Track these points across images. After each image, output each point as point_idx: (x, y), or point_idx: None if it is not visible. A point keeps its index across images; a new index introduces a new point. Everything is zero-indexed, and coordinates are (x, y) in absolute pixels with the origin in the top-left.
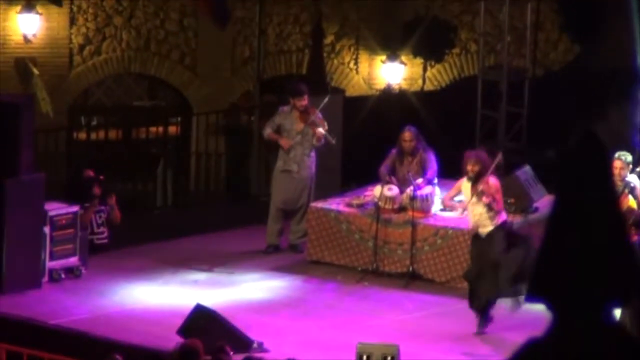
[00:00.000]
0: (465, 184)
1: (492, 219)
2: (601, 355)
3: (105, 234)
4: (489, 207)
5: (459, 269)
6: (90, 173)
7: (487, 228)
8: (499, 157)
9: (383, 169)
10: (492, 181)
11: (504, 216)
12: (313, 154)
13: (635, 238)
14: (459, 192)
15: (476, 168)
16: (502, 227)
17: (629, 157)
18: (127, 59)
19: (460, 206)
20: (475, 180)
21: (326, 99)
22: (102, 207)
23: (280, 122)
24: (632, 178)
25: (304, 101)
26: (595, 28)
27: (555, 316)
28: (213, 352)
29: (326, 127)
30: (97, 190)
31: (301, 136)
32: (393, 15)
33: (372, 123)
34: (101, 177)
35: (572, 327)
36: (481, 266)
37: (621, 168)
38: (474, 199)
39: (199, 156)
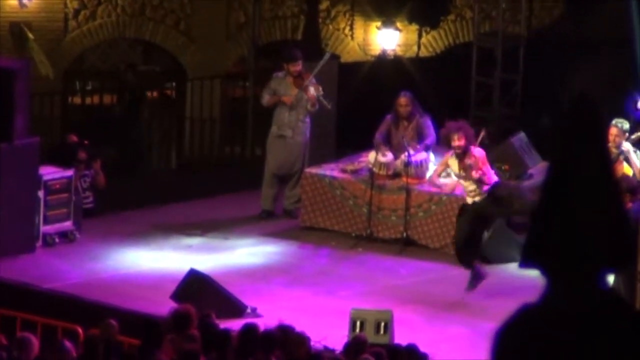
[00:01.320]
0: (452, 160)
1: (480, 187)
2: (595, 320)
3: (91, 199)
4: (480, 180)
5: (452, 235)
6: (74, 138)
7: (480, 196)
8: (483, 134)
9: (378, 136)
10: (478, 153)
11: (492, 180)
12: (307, 119)
13: (629, 205)
14: (446, 168)
15: (461, 142)
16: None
17: (626, 125)
18: (122, 24)
19: (449, 186)
20: (462, 154)
21: (326, 56)
22: (87, 172)
23: (275, 87)
24: (627, 145)
25: (298, 66)
26: None
27: (549, 282)
28: (199, 319)
29: (321, 92)
30: (82, 155)
31: (295, 101)
32: None
33: (367, 89)
34: (86, 142)
35: (566, 293)
36: (465, 233)
37: (616, 135)
38: (463, 173)
39: (193, 121)
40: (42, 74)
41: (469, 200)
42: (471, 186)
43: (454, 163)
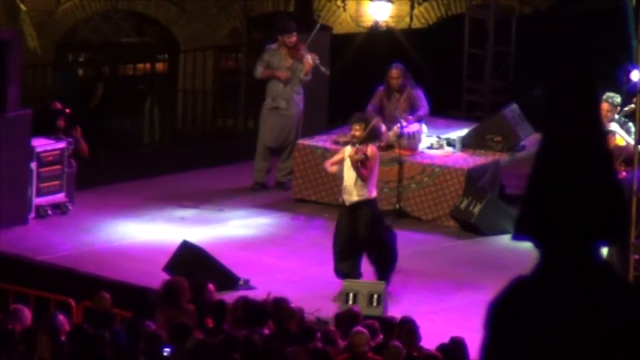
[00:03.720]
0: (348, 149)
1: (359, 187)
2: (588, 293)
3: (74, 167)
4: (357, 169)
5: (445, 207)
6: (58, 105)
7: (352, 197)
8: (375, 121)
9: (370, 108)
10: (372, 148)
11: (373, 192)
12: (301, 90)
13: (623, 174)
14: (343, 158)
15: (359, 132)
16: (369, 203)
17: (617, 99)
18: None
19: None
20: (357, 144)
21: (317, 27)
22: (69, 140)
23: (268, 59)
24: (613, 126)
25: (293, 38)
26: None
27: (542, 255)
28: (194, 290)
29: (318, 59)
30: (61, 123)
31: (290, 72)
32: None
33: (360, 60)
34: (67, 110)
35: (560, 266)
36: (342, 238)
37: (608, 110)
38: (349, 162)
39: (186, 93)
40: (30, 47)
41: (342, 198)
42: (347, 175)
43: (348, 152)
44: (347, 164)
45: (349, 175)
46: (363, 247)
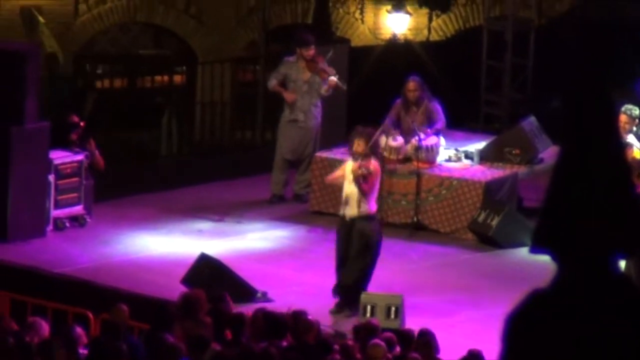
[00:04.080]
0: (349, 164)
1: (359, 202)
2: (606, 306)
3: (90, 180)
4: (359, 184)
5: (463, 219)
6: (74, 119)
7: (352, 211)
8: (377, 133)
9: (388, 121)
10: (374, 163)
11: (373, 207)
12: (319, 103)
13: None
14: (344, 174)
15: (360, 148)
16: (368, 218)
17: (635, 111)
18: (133, 8)
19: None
20: (359, 159)
21: (331, 53)
22: (86, 153)
23: (285, 72)
24: (630, 138)
25: (311, 51)
26: None
27: (560, 267)
28: (213, 302)
29: (335, 73)
30: (73, 136)
31: (308, 85)
32: None
33: (378, 73)
34: (81, 124)
35: (577, 278)
36: (340, 252)
37: (626, 122)
38: (351, 176)
39: (204, 105)
40: (58, 59)
41: (342, 211)
42: (349, 190)
43: (349, 166)
44: (349, 178)
45: (350, 190)
46: (352, 260)
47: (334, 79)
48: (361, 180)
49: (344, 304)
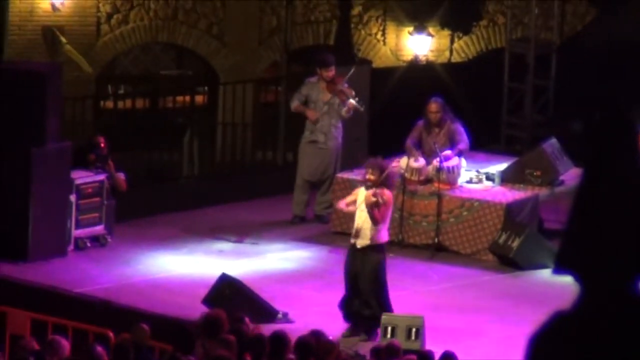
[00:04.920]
0: (361, 192)
1: (371, 230)
2: (628, 328)
3: (112, 201)
4: (372, 212)
5: (484, 241)
6: (100, 139)
7: (364, 240)
8: (389, 169)
9: (409, 142)
10: (387, 193)
11: (385, 237)
12: (340, 124)
13: None
14: (356, 200)
15: (374, 177)
16: (378, 248)
17: None
18: (155, 28)
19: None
20: (371, 187)
21: (352, 71)
22: (106, 175)
23: (307, 92)
24: None
25: (331, 72)
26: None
27: (582, 289)
28: (232, 323)
29: (354, 95)
30: (91, 157)
31: (328, 107)
32: None
33: (399, 94)
34: (102, 145)
35: (599, 300)
36: (349, 278)
37: None
38: (363, 205)
39: (225, 126)
40: (84, 72)
41: (352, 239)
42: (360, 219)
43: (362, 194)
44: (361, 207)
45: (361, 218)
46: (367, 292)
47: (352, 102)
48: (375, 207)
49: (359, 330)
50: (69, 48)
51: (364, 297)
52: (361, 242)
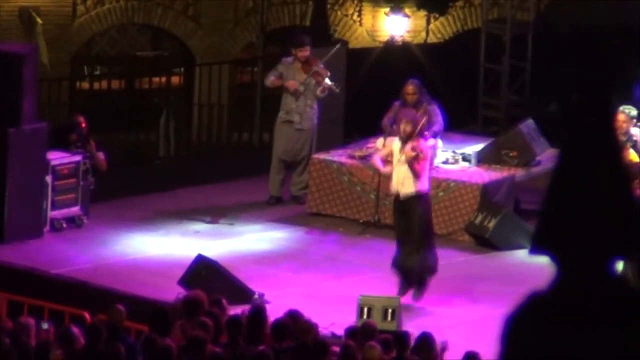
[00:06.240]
0: (396, 144)
1: (414, 181)
2: (604, 308)
3: (91, 181)
4: (412, 166)
5: (460, 221)
6: (79, 119)
7: (408, 189)
8: (423, 120)
9: (386, 121)
10: (424, 144)
11: (427, 186)
12: (315, 105)
13: (638, 192)
14: (390, 152)
15: (408, 128)
16: (423, 198)
17: (633, 111)
18: (131, 9)
19: (388, 168)
20: (406, 140)
21: (336, 48)
22: (87, 154)
23: (282, 71)
24: (635, 131)
25: (306, 52)
26: None
27: (558, 269)
28: (209, 305)
29: (329, 76)
30: (73, 137)
31: (304, 87)
32: None
33: (375, 75)
34: (83, 125)
35: (575, 281)
36: (401, 232)
37: (624, 121)
38: (402, 157)
39: (201, 107)
40: (44, 61)
41: (394, 186)
42: (401, 170)
43: (397, 147)
44: (398, 158)
45: (401, 171)
46: (410, 243)
47: (327, 82)
48: (415, 161)
49: (410, 285)
50: (40, 31)
51: (411, 247)
52: (405, 191)
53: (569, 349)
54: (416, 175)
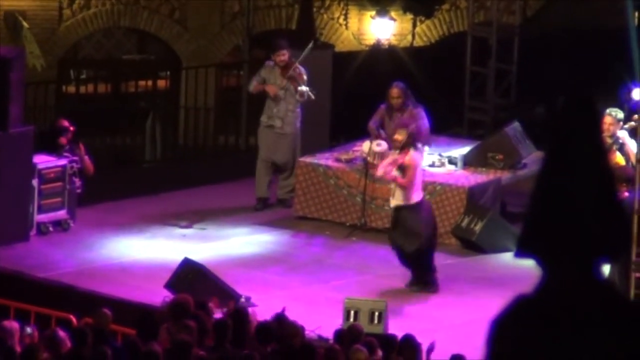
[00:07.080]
0: (393, 153)
1: (402, 193)
2: (590, 311)
3: (78, 185)
4: (396, 181)
5: (446, 224)
6: (64, 123)
7: (396, 200)
8: (411, 127)
9: (372, 124)
10: (413, 155)
11: (417, 197)
12: (298, 109)
13: (625, 194)
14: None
15: (400, 137)
16: (411, 207)
17: (620, 114)
18: (117, 13)
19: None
20: (400, 150)
21: (310, 46)
22: (75, 158)
23: (265, 75)
24: (622, 134)
25: (283, 56)
26: None
27: (544, 272)
28: (197, 308)
29: (305, 80)
30: (63, 140)
31: (284, 91)
32: None
33: (362, 78)
34: (71, 128)
35: (561, 283)
36: (394, 241)
37: (611, 124)
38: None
39: (188, 110)
40: (30, 65)
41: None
42: (392, 184)
43: (394, 155)
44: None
45: (391, 182)
46: (405, 248)
47: (303, 88)
48: (397, 177)
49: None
50: (27, 35)
51: (408, 252)
52: (394, 202)
53: (555, 352)
54: (401, 187)
